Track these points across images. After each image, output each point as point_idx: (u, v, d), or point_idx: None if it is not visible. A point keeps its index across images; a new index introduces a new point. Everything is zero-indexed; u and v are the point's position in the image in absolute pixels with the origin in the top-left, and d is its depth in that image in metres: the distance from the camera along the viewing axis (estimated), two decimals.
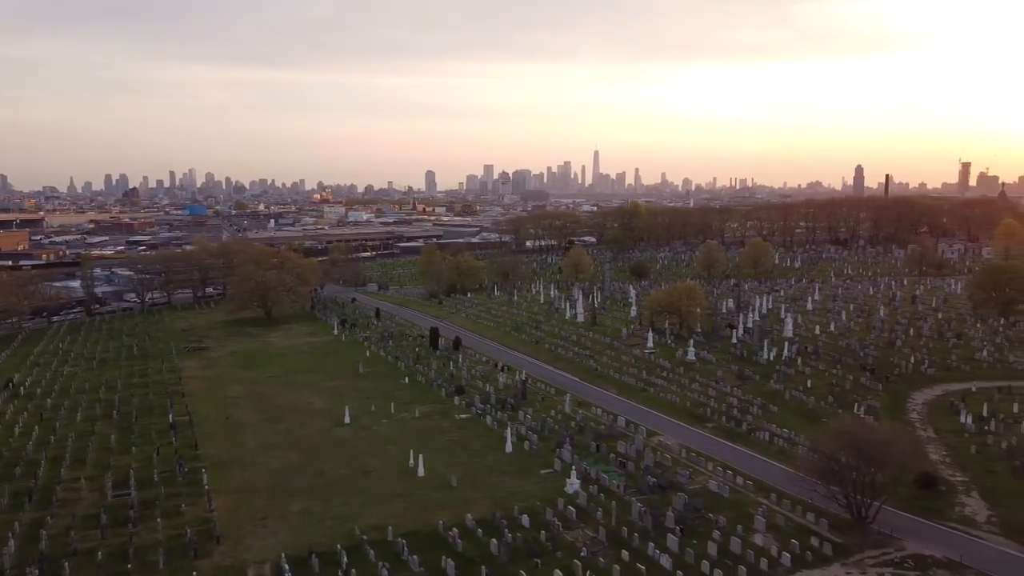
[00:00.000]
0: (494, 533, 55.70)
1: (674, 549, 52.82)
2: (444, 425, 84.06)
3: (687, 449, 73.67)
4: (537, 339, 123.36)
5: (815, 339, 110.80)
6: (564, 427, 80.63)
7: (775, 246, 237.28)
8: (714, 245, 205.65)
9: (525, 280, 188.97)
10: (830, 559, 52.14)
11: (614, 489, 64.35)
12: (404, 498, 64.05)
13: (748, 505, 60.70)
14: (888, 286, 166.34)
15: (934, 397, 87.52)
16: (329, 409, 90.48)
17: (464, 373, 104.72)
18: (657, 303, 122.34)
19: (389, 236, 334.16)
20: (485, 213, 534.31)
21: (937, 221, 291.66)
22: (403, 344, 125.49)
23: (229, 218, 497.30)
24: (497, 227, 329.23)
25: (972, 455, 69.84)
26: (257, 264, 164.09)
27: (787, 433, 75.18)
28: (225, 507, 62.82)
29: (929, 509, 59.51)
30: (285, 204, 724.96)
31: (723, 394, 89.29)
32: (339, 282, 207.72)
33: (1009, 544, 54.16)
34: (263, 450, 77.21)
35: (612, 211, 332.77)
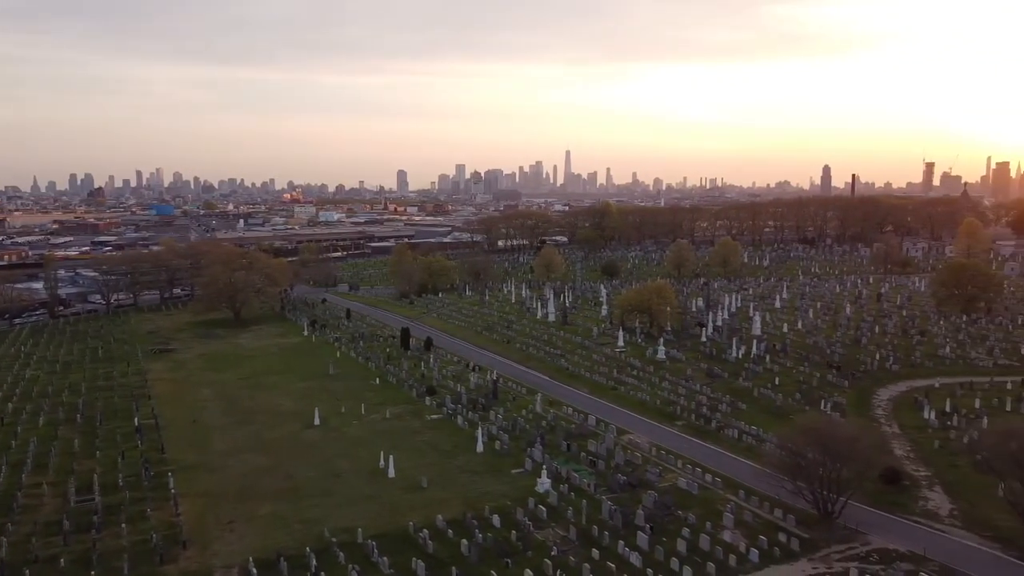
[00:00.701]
0: (465, 534, 55.59)
1: (644, 547, 53.07)
2: (415, 426, 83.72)
3: (657, 447, 74.09)
4: (508, 339, 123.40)
5: (783, 337, 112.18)
6: (535, 426, 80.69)
7: (744, 245, 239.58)
8: (684, 244, 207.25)
9: (497, 280, 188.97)
10: (797, 554, 52.73)
11: (585, 488, 64.56)
12: (374, 500, 63.68)
13: (717, 502, 61.21)
14: (854, 284, 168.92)
15: (899, 393, 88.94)
16: (299, 411, 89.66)
17: (435, 373, 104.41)
18: (628, 302, 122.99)
19: (360, 236, 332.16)
20: (457, 213, 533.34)
21: (902, 220, 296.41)
22: (374, 345, 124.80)
23: (197, 218, 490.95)
24: (469, 227, 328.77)
25: (935, 450, 71.11)
26: (226, 265, 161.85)
27: (755, 430, 75.96)
28: (192, 511, 62.02)
29: (894, 504, 60.48)
30: (255, 204, 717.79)
31: (693, 392, 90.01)
32: (310, 283, 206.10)
33: (970, 537, 55.21)
34: (231, 453, 76.29)
35: (584, 211, 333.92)
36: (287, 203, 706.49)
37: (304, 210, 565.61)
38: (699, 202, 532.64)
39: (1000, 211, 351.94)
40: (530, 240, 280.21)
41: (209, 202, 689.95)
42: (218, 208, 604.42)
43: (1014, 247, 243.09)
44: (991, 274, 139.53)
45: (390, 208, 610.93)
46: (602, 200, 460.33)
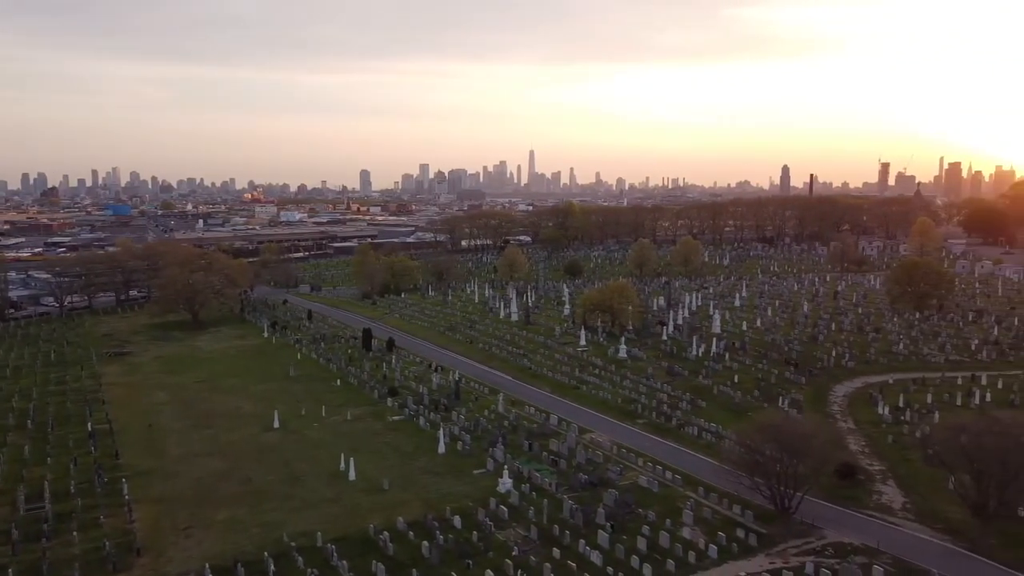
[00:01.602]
0: (425, 535, 55.32)
1: (605, 545, 53.33)
2: (376, 427, 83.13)
3: (618, 445, 74.50)
4: (471, 339, 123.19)
5: (742, 335, 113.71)
6: (497, 426, 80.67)
7: (705, 244, 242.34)
8: (646, 243, 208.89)
9: (460, 280, 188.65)
10: (755, 550, 53.41)
11: (546, 487, 64.68)
12: (334, 503, 63.09)
13: (677, 499, 61.76)
14: (812, 282, 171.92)
15: (854, 389, 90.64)
16: (258, 414, 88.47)
17: (397, 374, 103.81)
18: (590, 301, 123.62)
19: (323, 236, 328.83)
20: (421, 213, 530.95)
21: (858, 219, 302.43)
22: (335, 346, 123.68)
23: (155, 218, 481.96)
24: (432, 227, 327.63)
25: (889, 445, 72.61)
26: (183, 266, 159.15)
27: (715, 427, 76.80)
28: (147, 518, 60.82)
29: (849, 498, 61.60)
30: (214, 204, 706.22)
31: (653, 390, 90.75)
32: (270, 283, 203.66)
33: (922, 529, 56.48)
34: (188, 458, 74.96)
35: (547, 210, 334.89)
36: (248, 203, 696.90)
37: (265, 210, 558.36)
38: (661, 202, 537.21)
39: (952, 210, 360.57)
40: (494, 240, 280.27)
41: (167, 202, 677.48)
42: (176, 208, 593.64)
43: (965, 245, 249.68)
44: (943, 272, 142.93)
45: (353, 208, 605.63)
46: (565, 200, 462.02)
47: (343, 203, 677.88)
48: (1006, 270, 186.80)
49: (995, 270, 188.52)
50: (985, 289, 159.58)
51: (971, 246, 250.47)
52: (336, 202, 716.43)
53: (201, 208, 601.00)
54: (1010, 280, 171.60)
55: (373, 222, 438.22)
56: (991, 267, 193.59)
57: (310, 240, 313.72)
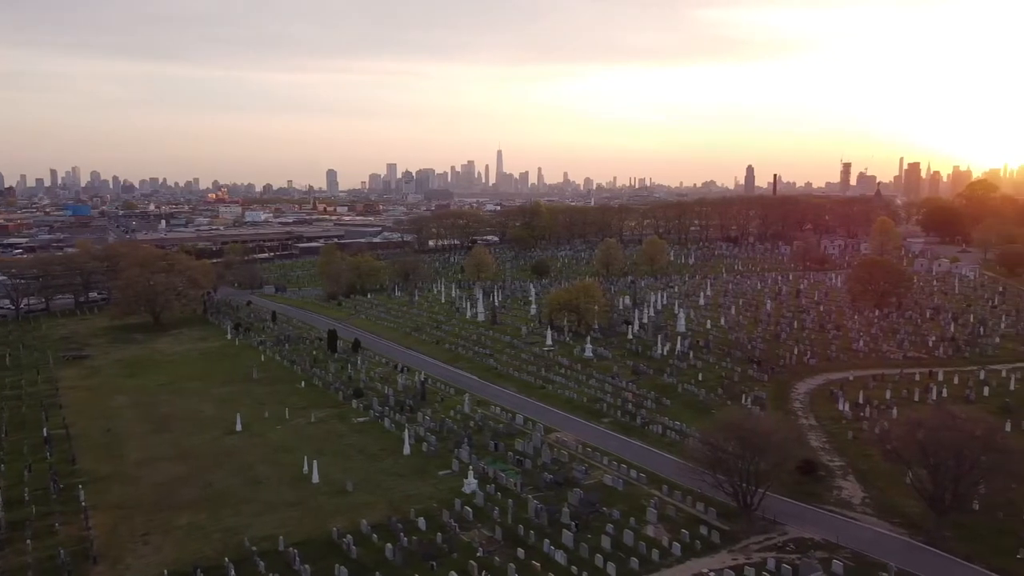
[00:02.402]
0: (389, 538, 54.95)
1: (569, 544, 53.43)
2: (341, 429, 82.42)
3: (584, 444, 74.69)
4: (438, 339, 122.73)
5: (706, 333, 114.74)
6: (463, 427, 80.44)
7: (671, 244, 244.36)
8: (612, 243, 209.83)
9: (427, 280, 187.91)
10: (718, 547, 53.92)
11: (511, 487, 64.65)
12: (297, 506, 62.42)
13: (641, 497, 62.10)
14: (775, 281, 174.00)
15: (816, 386, 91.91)
16: (220, 417, 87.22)
17: (363, 375, 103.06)
18: (556, 301, 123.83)
19: (288, 236, 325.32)
20: (388, 213, 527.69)
21: (820, 219, 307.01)
22: (300, 347, 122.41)
23: (116, 219, 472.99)
24: (399, 227, 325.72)
25: (849, 440, 73.74)
26: (144, 267, 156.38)
27: (679, 425, 77.35)
28: (104, 524, 59.63)
29: (809, 494, 62.46)
30: (178, 204, 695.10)
31: (619, 389, 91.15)
32: (234, 285, 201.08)
33: (880, 524, 57.49)
34: (147, 462, 73.63)
35: (515, 210, 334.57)
36: (212, 203, 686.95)
37: (229, 210, 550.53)
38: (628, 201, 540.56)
39: (911, 210, 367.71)
40: (461, 240, 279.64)
41: (129, 202, 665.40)
42: (138, 208, 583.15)
43: (923, 244, 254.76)
44: (901, 270, 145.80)
45: (319, 208, 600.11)
46: (533, 200, 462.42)
47: (309, 203, 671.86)
48: (962, 268, 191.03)
49: (952, 268, 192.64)
50: (942, 287, 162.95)
51: (929, 245, 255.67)
52: (302, 202, 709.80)
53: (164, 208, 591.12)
54: (966, 278, 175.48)
55: (340, 222, 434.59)
56: (948, 265, 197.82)
57: (275, 241, 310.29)
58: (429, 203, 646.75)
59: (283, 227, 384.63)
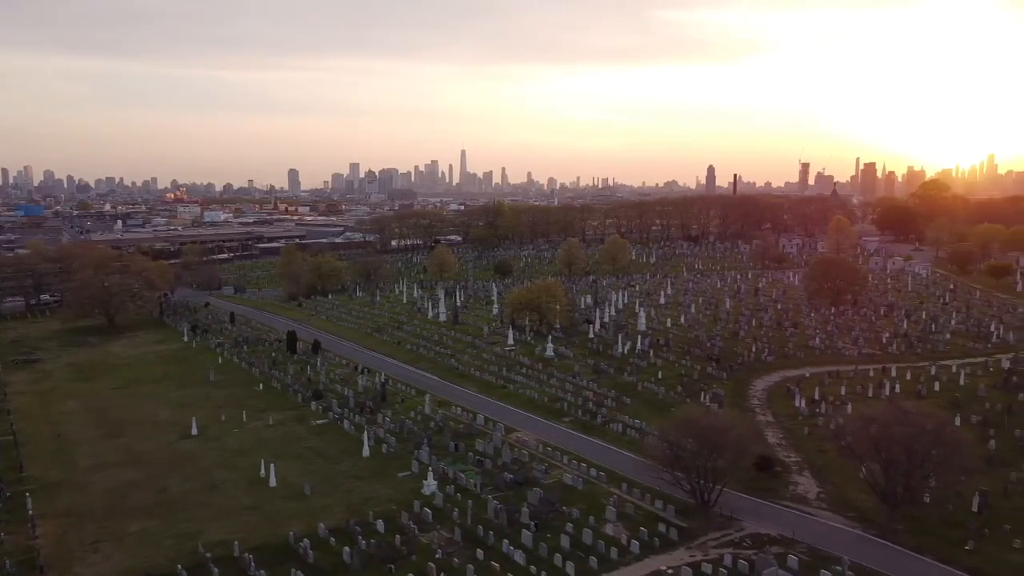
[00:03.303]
0: (347, 541, 54.39)
1: (528, 544, 53.38)
2: (300, 432, 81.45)
3: (544, 444, 74.74)
4: (399, 340, 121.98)
5: (666, 332, 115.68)
6: (423, 428, 80.00)
7: (633, 243, 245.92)
8: (574, 242, 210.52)
9: (389, 280, 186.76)
10: (676, 544, 54.29)
11: (471, 488, 64.43)
12: (253, 511, 61.50)
13: (601, 496, 62.31)
14: (734, 279, 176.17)
15: (773, 383, 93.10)
16: (175, 421, 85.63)
17: (322, 377, 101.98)
18: (518, 300, 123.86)
19: (248, 237, 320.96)
20: (351, 212, 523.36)
21: (779, 218, 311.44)
22: (259, 349, 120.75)
23: (70, 219, 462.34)
24: (362, 227, 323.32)
25: (805, 436, 74.81)
26: (98, 268, 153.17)
27: (639, 423, 77.78)
28: (52, 533, 58.12)
29: (766, 490, 63.23)
30: (135, 204, 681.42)
31: (580, 388, 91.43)
32: (192, 286, 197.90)
33: (835, 518, 58.40)
34: (98, 468, 72.00)
35: (478, 210, 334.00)
36: (170, 203, 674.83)
37: (188, 210, 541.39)
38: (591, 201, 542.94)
39: (867, 209, 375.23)
40: (424, 240, 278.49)
41: (84, 202, 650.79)
42: (94, 208, 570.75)
43: (878, 243, 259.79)
44: (856, 269, 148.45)
45: (280, 208, 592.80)
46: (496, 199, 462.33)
47: (270, 203, 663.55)
48: (915, 266, 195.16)
49: (905, 266, 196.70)
50: (896, 284, 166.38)
51: (884, 243, 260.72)
52: (263, 202, 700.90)
53: (120, 208, 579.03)
54: (919, 276, 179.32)
55: (301, 222, 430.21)
56: (902, 263, 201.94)
57: (235, 241, 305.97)
58: (392, 203, 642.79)
59: (243, 227, 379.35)
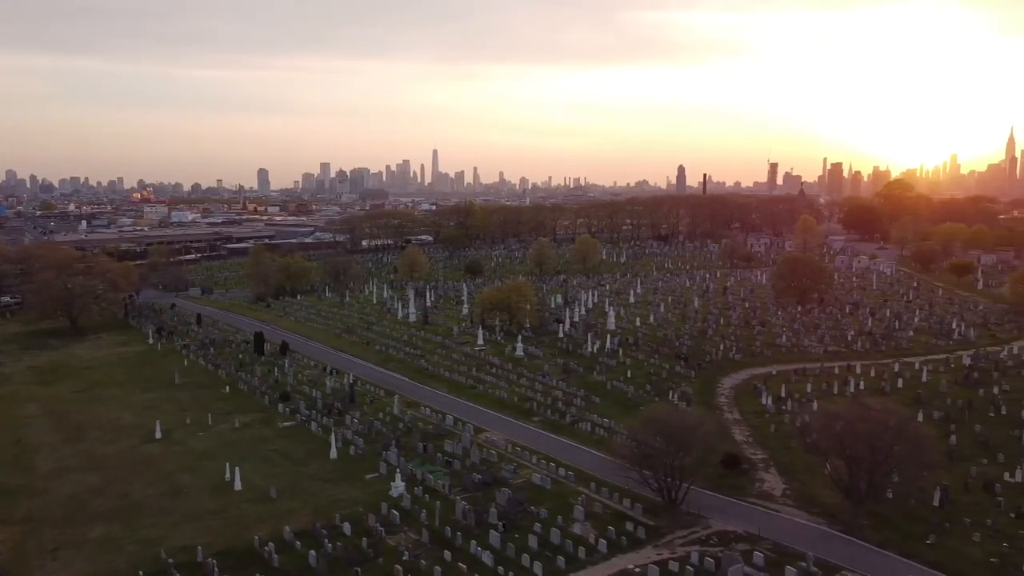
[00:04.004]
0: (313, 544, 53.80)
1: (496, 545, 53.17)
2: (266, 434, 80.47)
3: (513, 444, 74.64)
4: (368, 340, 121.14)
5: (635, 331, 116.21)
6: (392, 429, 79.44)
7: (603, 242, 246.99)
8: (545, 242, 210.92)
9: (359, 280, 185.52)
10: (644, 542, 54.44)
11: (439, 489, 64.11)
12: (218, 515, 60.59)
13: (569, 495, 62.29)
14: (703, 278, 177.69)
15: (740, 381, 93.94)
16: (139, 424, 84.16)
17: (290, 379, 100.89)
18: (488, 300, 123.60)
19: (216, 237, 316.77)
20: (321, 212, 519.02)
21: (747, 217, 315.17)
22: (225, 351, 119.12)
23: (33, 219, 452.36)
24: (332, 227, 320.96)
25: (771, 434, 75.57)
26: (61, 269, 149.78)
27: (608, 422, 77.91)
28: (10, 540, 56.83)
29: (733, 487, 63.70)
30: (100, 204, 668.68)
31: (549, 388, 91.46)
32: (158, 287, 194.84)
33: (800, 514, 59.02)
34: (59, 473, 70.52)
35: (449, 210, 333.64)
36: (136, 203, 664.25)
37: (155, 210, 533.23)
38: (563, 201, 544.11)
39: (833, 208, 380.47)
40: (395, 240, 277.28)
41: (48, 202, 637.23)
42: (58, 209, 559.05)
43: (844, 242, 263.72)
44: (823, 267, 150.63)
45: (249, 208, 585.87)
46: (467, 199, 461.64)
47: (239, 203, 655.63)
48: (880, 265, 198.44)
49: (870, 265, 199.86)
50: (861, 283, 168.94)
51: (850, 242, 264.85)
52: (232, 202, 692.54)
53: (85, 209, 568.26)
54: (883, 274, 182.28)
55: (271, 222, 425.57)
56: (867, 262, 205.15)
57: (203, 241, 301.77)
58: (363, 203, 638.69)
59: (211, 227, 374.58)
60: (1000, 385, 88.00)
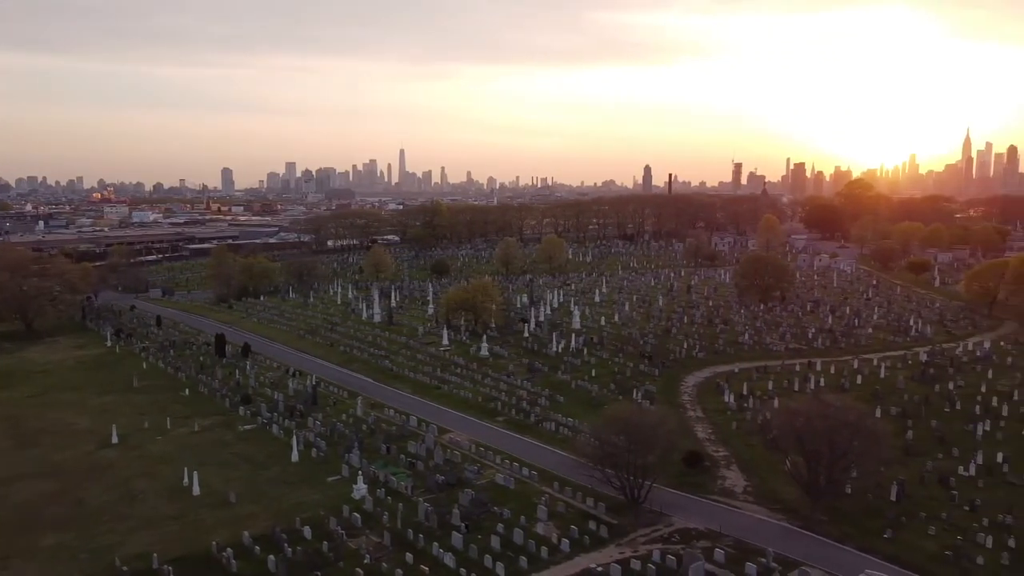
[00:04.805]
0: (273, 549, 52.95)
1: (458, 546, 52.89)
2: (227, 438, 79.23)
3: (477, 444, 74.35)
4: (332, 341, 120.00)
5: (600, 330, 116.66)
6: (354, 431, 78.66)
7: (570, 242, 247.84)
8: (511, 242, 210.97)
9: (323, 281, 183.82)
10: (606, 541, 54.49)
11: (402, 490, 63.63)
12: (175, 520, 59.47)
13: (533, 495, 62.20)
14: (668, 277, 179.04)
15: (703, 379, 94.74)
16: (95, 429, 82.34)
17: (252, 381, 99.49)
18: (453, 300, 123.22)
19: (179, 237, 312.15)
20: (287, 212, 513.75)
21: (712, 217, 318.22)
22: (186, 353, 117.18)
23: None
24: (297, 227, 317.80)
25: (733, 431, 76.26)
26: (15, 271, 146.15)
27: (572, 422, 77.97)
28: None
29: (695, 484, 64.13)
30: (58, 204, 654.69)
31: (514, 387, 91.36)
32: (118, 288, 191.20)
33: (761, 511, 59.59)
34: (10, 481, 68.65)
35: (415, 209, 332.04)
36: (96, 203, 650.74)
37: (115, 210, 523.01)
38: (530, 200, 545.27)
39: (796, 207, 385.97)
40: (361, 240, 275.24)
41: (3, 202, 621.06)
42: (13, 209, 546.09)
43: (806, 240, 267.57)
44: (784, 266, 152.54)
45: (213, 208, 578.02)
46: (434, 199, 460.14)
47: (202, 203, 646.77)
48: (840, 263, 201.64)
49: (831, 263, 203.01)
50: (822, 281, 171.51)
51: (811, 241, 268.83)
52: (195, 202, 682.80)
53: (42, 209, 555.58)
54: (844, 272, 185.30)
55: (235, 222, 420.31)
56: (828, 260, 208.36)
57: (164, 242, 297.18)
58: (330, 203, 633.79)
59: (173, 228, 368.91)
60: (955, 380, 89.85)
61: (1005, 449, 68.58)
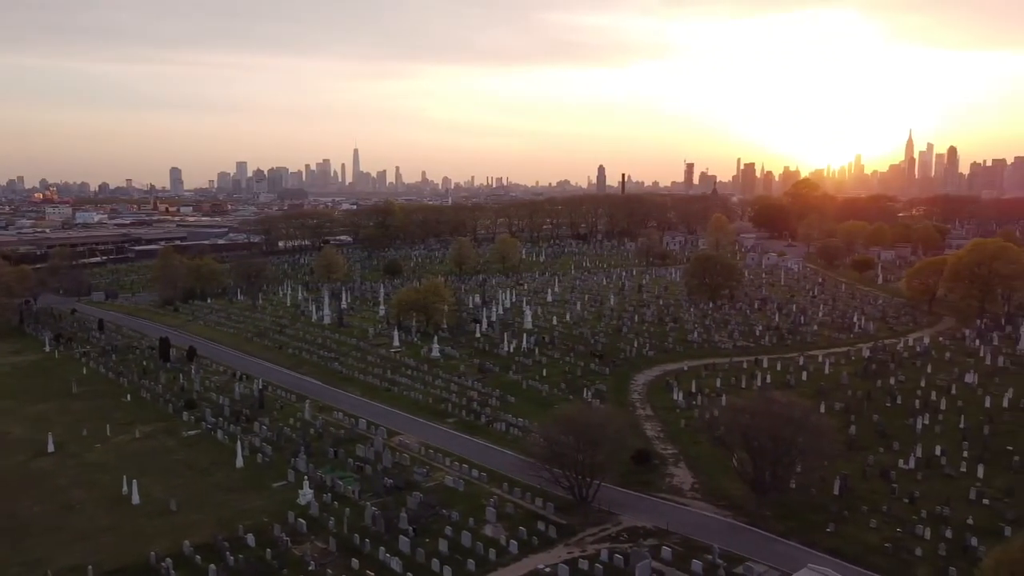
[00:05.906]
0: (214, 558, 51.70)
1: (406, 550, 52.32)
2: (169, 444, 77.27)
3: (427, 446, 73.72)
4: (280, 344, 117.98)
5: (552, 329, 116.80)
6: (302, 435, 77.34)
7: (523, 241, 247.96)
8: (465, 242, 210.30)
9: (273, 283, 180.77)
10: (555, 541, 54.43)
11: (349, 495, 62.70)
12: (113, 531, 57.72)
13: (482, 497, 61.87)
14: (620, 276, 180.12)
15: (653, 377, 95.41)
16: (30, 437, 79.60)
17: (196, 385, 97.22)
18: (404, 301, 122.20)
19: (124, 239, 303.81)
20: (237, 213, 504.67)
21: (664, 216, 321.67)
22: (128, 358, 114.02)
23: None
24: (247, 227, 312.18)
25: (681, 429, 76.86)
26: None
27: (522, 422, 77.86)
28: None
29: (643, 483, 64.48)
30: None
31: (464, 388, 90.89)
32: (59, 292, 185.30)
33: (708, 508, 60.16)
34: None
35: (368, 210, 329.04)
36: (38, 203, 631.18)
37: (58, 211, 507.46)
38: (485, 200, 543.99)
39: (745, 207, 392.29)
40: (313, 241, 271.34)
41: None
42: None
43: (755, 239, 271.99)
44: (733, 264, 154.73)
45: (160, 208, 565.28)
46: (387, 199, 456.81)
47: (149, 203, 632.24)
48: (788, 262, 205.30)
49: (779, 262, 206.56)
50: (770, 279, 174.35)
51: (760, 240, 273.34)
52: (142, 202, 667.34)
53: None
54: (791, 270, 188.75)
55: (183, 223, 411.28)
56: (776, 259, 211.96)
57: (109, 243, 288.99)
58: (282, 203, 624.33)
59: (119, 229, 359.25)
60: (896, 376, 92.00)
61: (943, 442, 70.32)
